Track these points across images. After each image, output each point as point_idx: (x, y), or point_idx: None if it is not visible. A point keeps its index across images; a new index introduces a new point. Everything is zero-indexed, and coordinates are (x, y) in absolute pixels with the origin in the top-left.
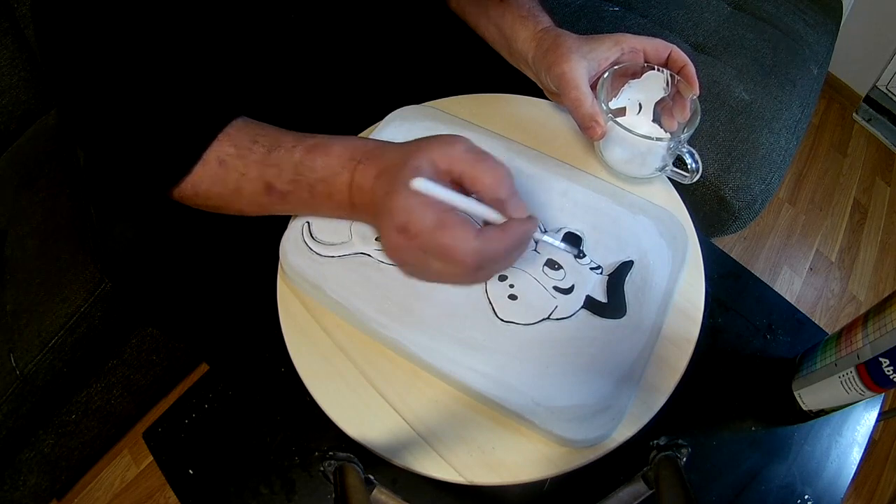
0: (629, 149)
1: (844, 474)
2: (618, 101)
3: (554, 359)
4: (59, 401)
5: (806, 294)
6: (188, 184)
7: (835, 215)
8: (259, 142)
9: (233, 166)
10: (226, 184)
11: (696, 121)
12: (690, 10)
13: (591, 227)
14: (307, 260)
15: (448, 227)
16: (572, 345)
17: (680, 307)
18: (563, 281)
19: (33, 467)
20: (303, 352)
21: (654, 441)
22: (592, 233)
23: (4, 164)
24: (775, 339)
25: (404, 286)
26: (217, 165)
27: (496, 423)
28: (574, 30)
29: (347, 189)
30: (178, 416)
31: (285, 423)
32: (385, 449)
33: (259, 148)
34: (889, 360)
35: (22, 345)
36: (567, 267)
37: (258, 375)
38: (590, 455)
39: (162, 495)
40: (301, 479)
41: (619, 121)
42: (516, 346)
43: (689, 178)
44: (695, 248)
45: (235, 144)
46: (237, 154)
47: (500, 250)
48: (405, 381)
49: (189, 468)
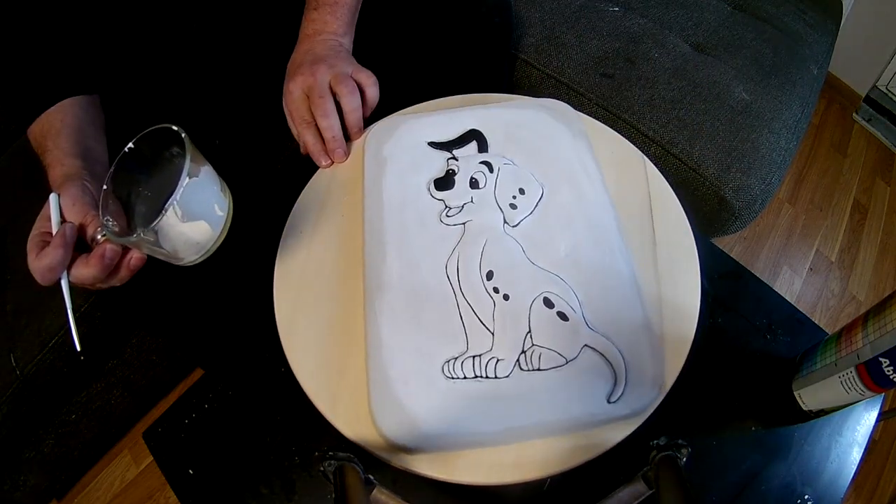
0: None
1: (844, 474)
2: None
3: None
4: (59, 401)
5: (806, 294)
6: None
7: (835, 215)
8: (48, 148)
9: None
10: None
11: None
12: (690, 10)
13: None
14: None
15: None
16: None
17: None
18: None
19: (33, 467)
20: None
21: (654, 441)
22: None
23: (4, 164)
24: (775, 339)
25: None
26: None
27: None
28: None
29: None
30: (178, 416)
31: (285, 423)
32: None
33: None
34: (889, 360)
35: (22, 345)
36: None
37: (258, 376)
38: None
39: (162, 495)
40: (301, 479)
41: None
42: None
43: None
44: (587, 123)
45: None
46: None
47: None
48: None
49: (189, 468)
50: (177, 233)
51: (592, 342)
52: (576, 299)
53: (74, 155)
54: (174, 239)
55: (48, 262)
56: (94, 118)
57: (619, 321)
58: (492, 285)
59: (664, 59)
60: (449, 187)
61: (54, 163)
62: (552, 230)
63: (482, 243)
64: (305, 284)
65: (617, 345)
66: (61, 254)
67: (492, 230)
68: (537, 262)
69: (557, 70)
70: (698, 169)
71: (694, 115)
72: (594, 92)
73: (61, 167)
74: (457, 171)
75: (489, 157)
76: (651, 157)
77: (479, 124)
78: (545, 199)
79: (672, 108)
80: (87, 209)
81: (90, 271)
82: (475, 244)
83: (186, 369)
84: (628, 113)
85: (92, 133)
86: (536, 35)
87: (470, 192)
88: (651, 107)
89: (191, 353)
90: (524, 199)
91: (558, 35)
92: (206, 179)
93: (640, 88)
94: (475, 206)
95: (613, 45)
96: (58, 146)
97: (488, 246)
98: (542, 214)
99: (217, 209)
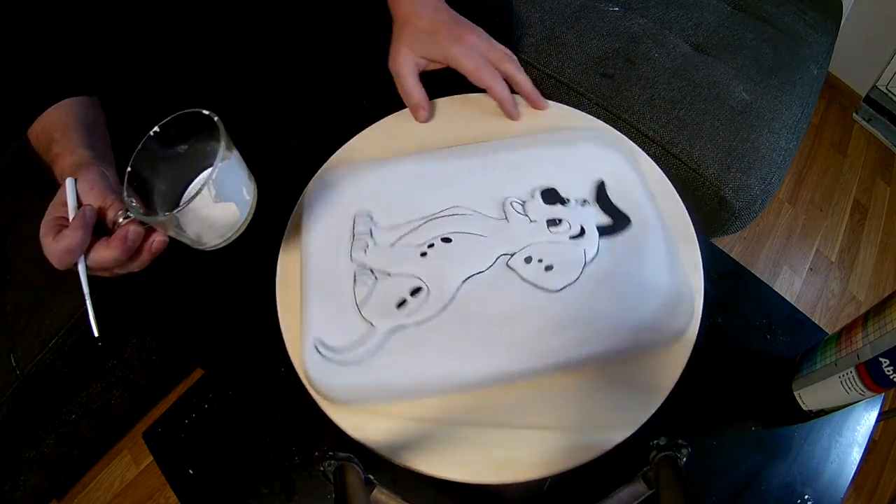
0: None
1: (844, 474)
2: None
3: (605, 303)
4: (59, 401)
5: (806, 294)
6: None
7: (835, 215)
8: (55, 139)
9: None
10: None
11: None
12: (690, 10)
13: (552, 177)
14: (340, 373)
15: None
16: (619, 271)
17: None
18: (571, 229)
19: (33, 467)
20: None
21: (654, 441)
22: (557, 179)
23: (4, 164)
24: (775, 339)
25: (456, 323)
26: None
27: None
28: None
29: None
30: (178, 416)
31: (285, 423)
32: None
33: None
34: (889, 360)
35: (22, 345)
36: (565, 216)
37: (258, 376)
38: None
39: (162, 495)
40: (301, 479)
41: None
42: (579, 302)
43: None
44: (644, 157)
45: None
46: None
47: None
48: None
49: (189, 468)
50: (206, 214)
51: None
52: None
53: (84, 146)
54: (202, 220)
55: (67, 244)
56: (97, 116)
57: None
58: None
59: (664, 59)
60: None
61: (63, 153)
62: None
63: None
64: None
65: None
66: (81, 235)
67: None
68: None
69: (557, 70)
70: (698, 169)
71: (694, 115)
72: (594, 92)
73: (71, 156)
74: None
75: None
76: (651, 157)
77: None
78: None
79: (672, 108)
80: (106, 193)
81: (111, 253)
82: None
83: (186, 369)
84: (628, 113)
85: (98, 129)
86: (536, 35)
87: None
88: (651, 107)
89: (191, 352)
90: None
91: (558, 35)
92: (237, 162)
93: (640, 88)
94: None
95: (613, 45)
96: (66, 137)
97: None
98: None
99: (245, 193)
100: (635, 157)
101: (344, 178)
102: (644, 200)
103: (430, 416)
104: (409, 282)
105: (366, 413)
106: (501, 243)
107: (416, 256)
